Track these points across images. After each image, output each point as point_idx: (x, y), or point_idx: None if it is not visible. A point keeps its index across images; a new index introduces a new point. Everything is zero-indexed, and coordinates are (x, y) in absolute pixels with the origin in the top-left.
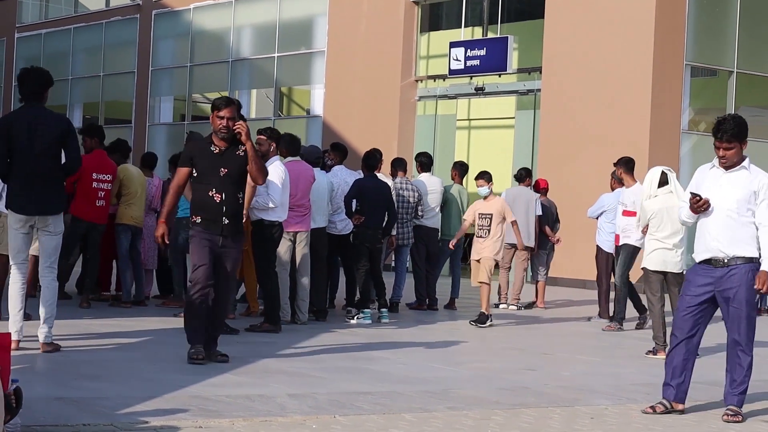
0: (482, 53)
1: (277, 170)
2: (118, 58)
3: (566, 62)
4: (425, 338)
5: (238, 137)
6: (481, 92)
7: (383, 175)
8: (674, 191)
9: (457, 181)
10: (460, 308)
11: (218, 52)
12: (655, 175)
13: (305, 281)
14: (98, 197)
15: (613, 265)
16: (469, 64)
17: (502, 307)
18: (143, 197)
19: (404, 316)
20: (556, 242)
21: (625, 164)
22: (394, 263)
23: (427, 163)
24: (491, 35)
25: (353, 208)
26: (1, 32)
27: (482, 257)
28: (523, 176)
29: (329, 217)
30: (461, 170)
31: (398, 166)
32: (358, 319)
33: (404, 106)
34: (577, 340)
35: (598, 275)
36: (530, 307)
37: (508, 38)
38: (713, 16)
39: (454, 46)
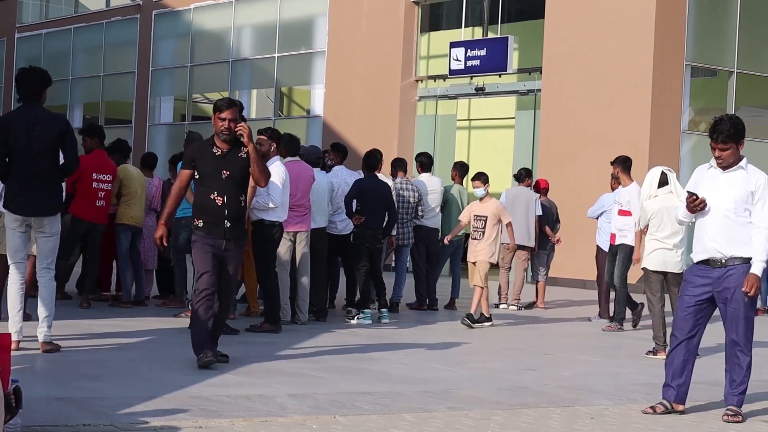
0: (482, 53)
1: (277, 170)
2: (118, 58)
3: (566, 62)
4: (425, 338)
5: (240, 139)
6: (481, 92)
7: (383, 175)
8: (674, 191)
9: (457, 181)
10: (460, 308)
11: (218, 52)
12: (655, 175)
13: (305, 281)
14: (98, 197)
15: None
16: (469, 64)
17: (502, 307)
18: (143, 197)
19: (404, 316)
20: (556, 242)
21: (622, 163)
22: (394, 263)
23: (427, 163)
24: (491, 35)
25: (353, 208)
26: (1, 32)
27: (477, 260)
28: (523, 176)
29: (329, 217)
30: (461, 170)
31: (398, 166)
32: (358, 319)
33: (404, 106)
34: (577, 340)
35: (598, 275)
36: (530, 307)
37: (508, 38)
38: (713, 16)
39: (454, 46)
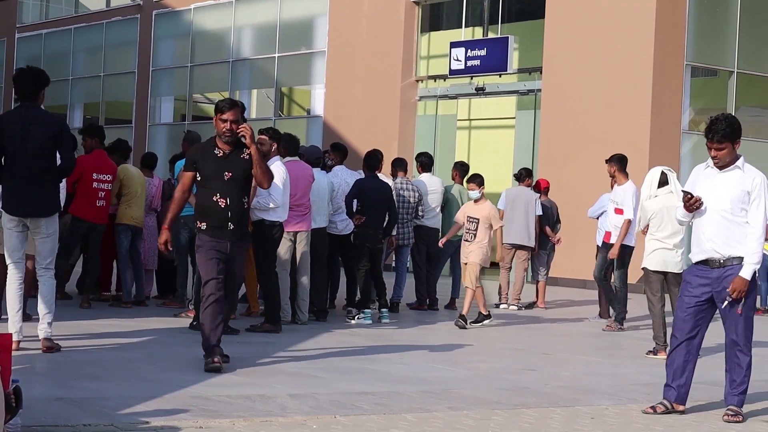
0: (483, 53)
1: (278, 170)
2: (118, 58)
3: (566, 62)
4: (426, 338)
5: (242, 141)
6: (481, 92)
7: (383, 175)
8: (674, 191)
9: (457, 181)
10: (460, 308)
11: (219, 52)
12: (655, 175)
13: (305, 281)
14: (98, 197)
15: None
16: (469, 64)
17: (502, 307)
18: (143, 197)
19: (405, 316)
20: (556, 242)
21: (618, 161)
22: (394, 263)
23: (427, 163)
24: (492, 35)
25: (354, 208)
26: (1, 32)
27: (468, 261)
28: (523, 176)
29: (330, 217)
30: (462, 170)
31: (398, 166)
32: (358, 319)
33: (405, 106)
34: (577, 340)
35: None
36: (531, 307)
37: (508, 38)
38: (713, 16)
39: (454, 46)
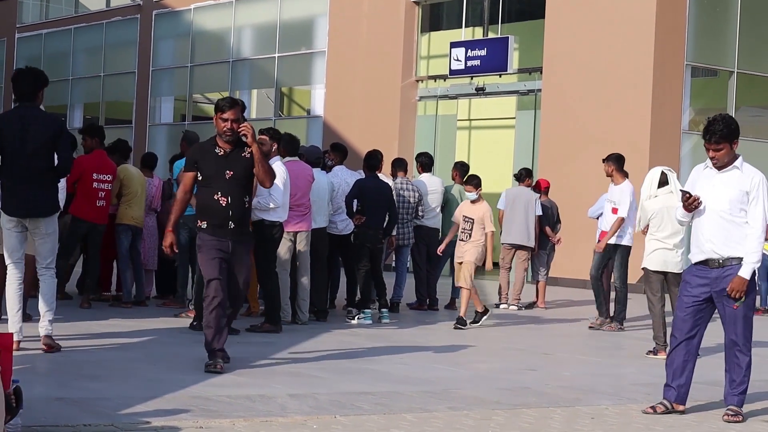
0: (483, 53)
1: (278, 170)
2: (118, 58)
3: (567, 62)
4: (426, 338)
5: (243, 140)
6: (481, 92)
7: (383, 175)
8: (674, 191)
9: (457, 181)
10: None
11: (219, 52)
12: (655, 175)
13: (305, 281)
14: (99, 197)
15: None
16: (469, 64)
17: (502, 307)
18: (143, 197)
19: (405, 316)
20: (556, 242)
21: (615, 161)
22: (394, 263)
23: (427, 163)
24: (492, 35)
25: (354, 208)
26: (1, 32)
27: (464, 261)
28: (523, 176)
29: (330, 217)
30: (462, 170)
31: (398, 166)
32: (358, 319)
33: (405, 106)
34: (577, 340)
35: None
36: (531, 307)
37: (508, 38)
38: (713, 16)
39: (454, 46)
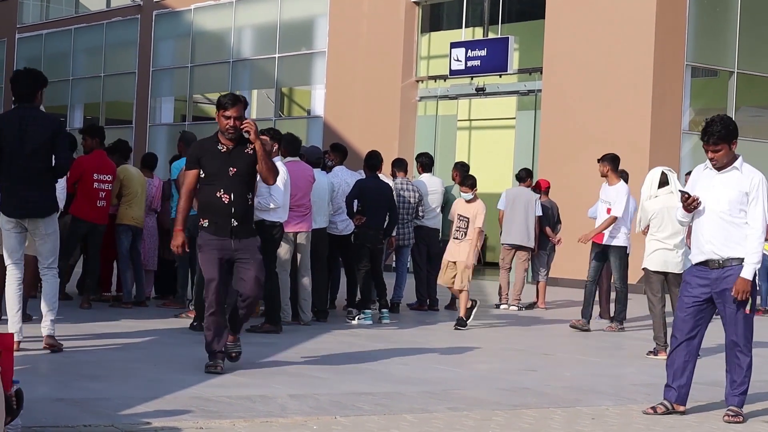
0: (483, 53)
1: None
2: (118, 58)
3: (567, 62)
4: (426, 339)
5: (246, 136)
6: (481, 93)
7: (384, 175)
8: (674, 192)
9: (458, 181)
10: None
11: (219, 52)
12: (655, 175)
13: (306, 281)
14: (99, 198)
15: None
16: (469, 64)
17: (503, 307)
18: (143, 198)
19: (405, 316)
20: (556, 243)
21: (611, 161)
22: (394, 264)
23: (428, 163)
24: (492, 35)
25: (354, 208)
26: (1, 33)
27: (458, 261)
28: (523, 176)
29: (330, 217)
30: (462, 171)
31: (399, 166)
32: (358, 319)
33: (405, 106)
34: (577, 340)
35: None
36: (531, 307)
37: (508, 38)
38: (714, 16)
39: (454, 46)
